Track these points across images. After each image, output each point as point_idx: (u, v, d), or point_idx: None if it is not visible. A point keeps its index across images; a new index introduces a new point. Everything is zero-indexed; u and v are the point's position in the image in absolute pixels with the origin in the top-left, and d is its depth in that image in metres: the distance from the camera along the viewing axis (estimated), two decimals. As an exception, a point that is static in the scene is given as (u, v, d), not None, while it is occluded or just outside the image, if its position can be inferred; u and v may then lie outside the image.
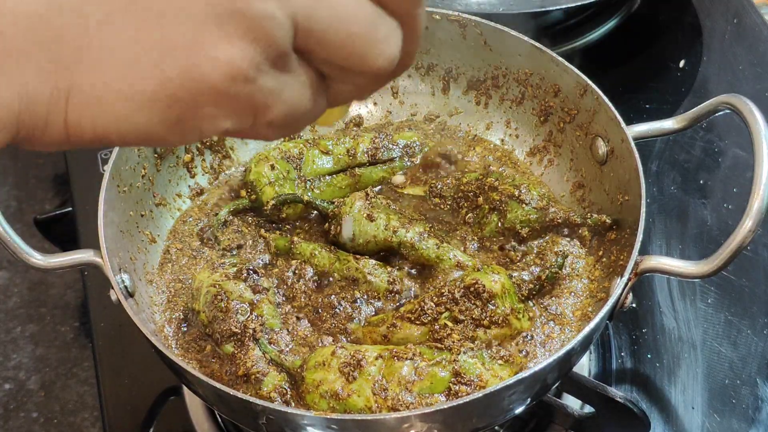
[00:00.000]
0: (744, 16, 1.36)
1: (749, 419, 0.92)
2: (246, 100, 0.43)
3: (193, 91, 0.42)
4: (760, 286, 1.03)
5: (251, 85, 0.43)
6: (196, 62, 0.41)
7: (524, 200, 0.88)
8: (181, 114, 0.43)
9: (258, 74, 0.43)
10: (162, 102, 0.42)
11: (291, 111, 0.46)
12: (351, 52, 0.45)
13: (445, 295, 0.79)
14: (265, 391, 0.77)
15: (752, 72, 1.28)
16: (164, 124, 0.43)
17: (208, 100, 0.42)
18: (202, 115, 0.43)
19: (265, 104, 0.44)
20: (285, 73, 0.44)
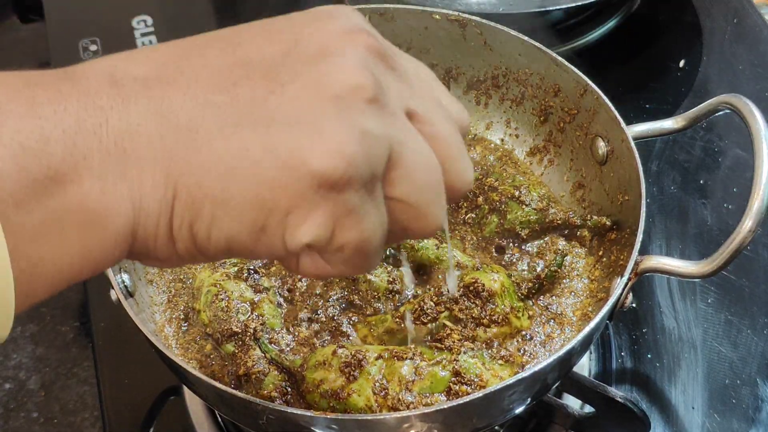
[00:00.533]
0: (744, 16, 1.36)
1: (749, 419, 0.92)
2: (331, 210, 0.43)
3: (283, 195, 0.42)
4: (760, 286, 1.03)
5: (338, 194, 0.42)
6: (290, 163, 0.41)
7: (524, 201, 0.88)
8: (266, 221, 0.43)
9: (347, 187, 0.42)
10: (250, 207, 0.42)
11: (365, 240, 0.45)
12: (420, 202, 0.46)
13: (444, 294, 0.79)
14: (266, 391, 0.77)
15: (752, 72, 1.28)
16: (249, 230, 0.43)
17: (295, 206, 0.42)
18: (286, 223, 0.43)
19: (346, 220, 0.44)
20: (370, 198, 0.44)
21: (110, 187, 0.41)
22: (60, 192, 0.40)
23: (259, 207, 0.42)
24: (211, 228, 0.43)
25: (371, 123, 0.43)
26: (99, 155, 0.41)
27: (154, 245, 0.44)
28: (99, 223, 0.41)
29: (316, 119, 0.42)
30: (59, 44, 1.32)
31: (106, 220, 0.41)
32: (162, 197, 0.42)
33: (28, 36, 1.85)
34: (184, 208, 0.42)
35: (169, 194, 0.42)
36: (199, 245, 0.44)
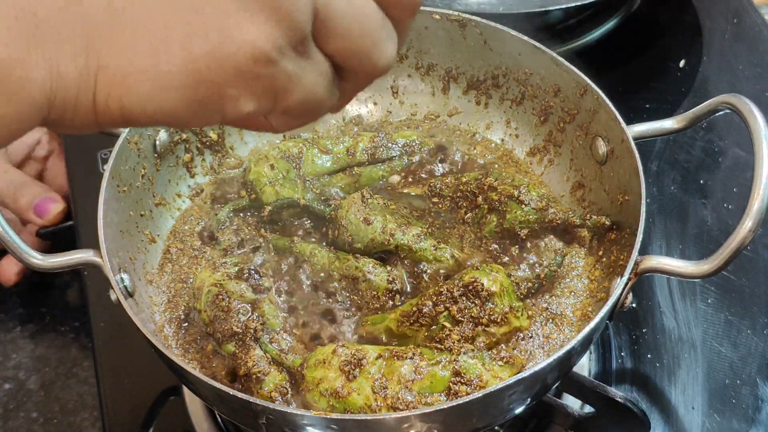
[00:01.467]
0: (744, 16, 1.36)
1: (749, 419, 0.92)
2: (268, 82, 0.44)
3: (218, 72, 0.42)
4: (760, 286, 1.03)
5: (274, 67, 0.43)
6: (222, 43, 0.42)
7: (523, 201, 0.88)
8: (204, 95, 0.43)
9: (280, 57, 0.43)
10: (187, 82, 0.42)
11: (308, 97, 0.46)
12: (360, 46, 0.47)
13: (443, 294, 0.79)
14: (266, 391, 0.77)
15: (752, 72, 1.28)
16: (188, 104, 0.43)
17: (232, 81, 0.43)
18: (225, 96, 0.44)
19: (285, 87, 0.45)
20: (304, 58, 0.45)
21: (23, 55, 0.40)
22: None
23: (196, 83, 0.43)
24: (146, 102, 0.43)
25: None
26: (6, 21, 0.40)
27: (72, 114, 0.43)
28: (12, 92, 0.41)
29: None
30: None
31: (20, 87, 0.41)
32: (83, 68, 0.42)
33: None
34: (112, 82, 0.42)
35: (92, 65, 0.42)
36: (127, 117, 0.44)
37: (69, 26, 0.41)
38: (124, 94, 0.42)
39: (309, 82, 0.46)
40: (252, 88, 0.44)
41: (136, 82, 0.42)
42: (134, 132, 0.87)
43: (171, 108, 0.43)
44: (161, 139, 0.91)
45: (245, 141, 1.01)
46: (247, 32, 0.42)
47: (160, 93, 0.43)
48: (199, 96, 0.43)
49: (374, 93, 1.05)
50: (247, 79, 0.43)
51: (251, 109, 0.45)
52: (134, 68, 0.42)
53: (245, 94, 0.44)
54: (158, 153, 0.92)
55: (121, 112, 0.43)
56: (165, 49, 0.42)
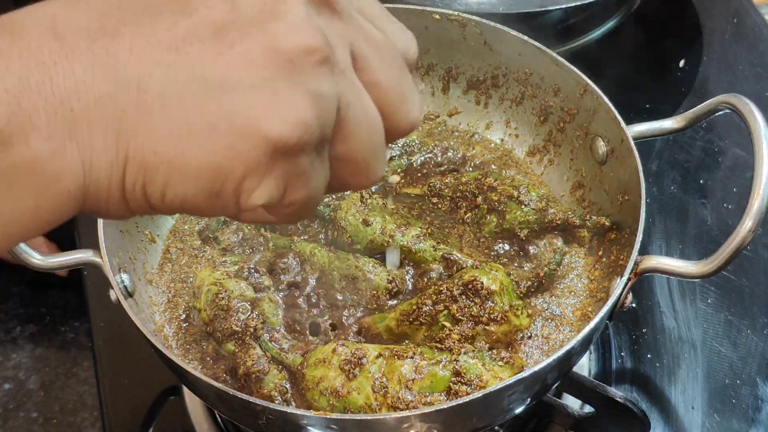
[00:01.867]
0: (744, 16, 1.36)
1: (749, 419, 0.92)
2: (283, 175, 0.44)
3: (240, 162, 0.42)
4: (760, 286, 1.03)
5: (293, 160, 0.43)
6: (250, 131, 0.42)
7: (523, 201, 0.87)
8: (222, 186, 0.43)
9: (302, 152, 0.43)
10: (205, 172, 0.43)
11: (311, 197, 0.47)
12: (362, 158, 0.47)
13: (443, 293, 0.79)
14: (266, 391, 0.77)
15: (752, 72, 1.28)
16: (205, 195, 0.44)
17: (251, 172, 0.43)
18: (241, 188, 0.44)
19: (294, 183, 0.45)
20: (319, 158, 0.45)
21: (59, 147, 0.41)
22: (6, 153, 0.40)
23: (216, 173, 0.43)
24: (166, 190, 0.43)
25: (323, 86, 0.43)
26: (45, 115, 0.40)
27: (107, 204, 0.44)
28: (49, 183, 0.41)
29: (270, 84, 0.42)
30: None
31: (56, 180, 0.41)
32: (114, 159, 0.42)
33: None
34: (138, 171, 0.42)
35: (121, 156, 0.42)
36: (152, 205, 0.44)
37: (102, 119, 0.41)
38: (147, 182, 0.43)
39: (317, 181, 0.46)
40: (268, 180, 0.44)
41: (156, 171, 0.43)
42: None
43: (188, 197, 0.44)
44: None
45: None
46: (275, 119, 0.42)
47: (180, 183, 0.43)
48: (216, 187, 0.43)
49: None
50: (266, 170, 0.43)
51: (264, 201, 0.45)
52: (158, 158, 0.42)
53: (262, 185, 0.44)
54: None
55: (145, 199, 0.44)
56: (186, 139, 0.42)
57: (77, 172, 0.42)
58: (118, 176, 0.43)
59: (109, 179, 0.43)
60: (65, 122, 0.41)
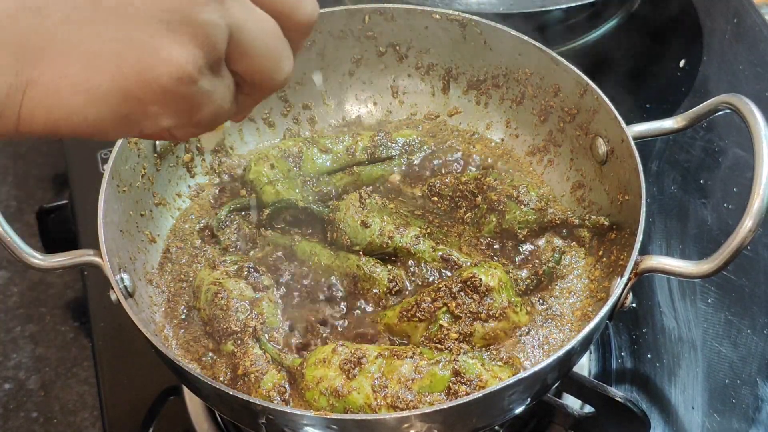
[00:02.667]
0: (744, 16, 1.36)
1: (749, 419, 0.92)
2: (187, 99, 0.47)
3: (145, 89, 0.45)
4: (760, 286, 1.03)
5: (194, 86, 0.47)
6: (151, 62, 0.45)
7: (522, 201, 0.87)
8: (129, 110, 0.46)
9: (200, 76, 0.47)
10: (115, 97, 0.45)
11: (217, 111, 0.50)
12: (265, 65, 0.51)
13: (442, 290, 0.79)
14: (265, 390, 0.77)
15: (752, 72, 1.28)
16: (112, 118, 0.46)
17: (156, 99, 0.46)
18: (147, 112, 0.47)
19: (200, 104, 0.48)
20: (217, 77, 0.49)
21: None
22: None
23: (124, 99, 0.45)
24: (74, 115, 0.45)
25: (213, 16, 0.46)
26: None
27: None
28: None
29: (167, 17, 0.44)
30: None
31: None
32: (13, 83, 0.43)
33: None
34: (42, 95, 0.44)
35: (22, 80, 0.43)
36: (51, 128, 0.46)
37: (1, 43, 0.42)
38: (53, 105, 0.44)
39: (219, 98, 0.50)
40: (172, 106, 0.47)
41: (66, 97, 0.44)
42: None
43: (96, 121, 0.46)
44: (161, 139, 0.91)
45: (245, 141, 1.01)
46: (173, 53, 0.45)
47: (88, 107, 0.45)
48: (124, 111, 0.46)
49: (374, 93, 1.05)
50: (170, 97, 0.46)
51: (169, 124, 0.48)
52: (66, 83, 0.44)
53: (166, 111, 0.47)
54: (158, 153, 0.92)
55: (46, 124, 0.45)
56: (97, 66, 0.44)
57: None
58: (16, 100, 0.44)
59: (3, 103, 0.43)
60: None
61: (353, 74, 1.03)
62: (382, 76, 1.04)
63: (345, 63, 1.03)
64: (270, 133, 1.02)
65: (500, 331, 0.79)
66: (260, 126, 1.02)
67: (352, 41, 1.01)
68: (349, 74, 1.03)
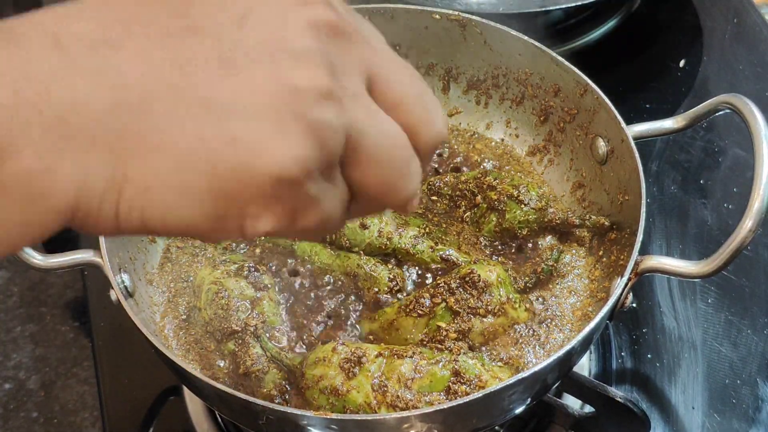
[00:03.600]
0: (744, 16, 1.36)
1: (749, 419, 0.92)
2: (290, 204, 0.43)
3: (242, 189, 0.42)
4: (760, 286, 1.03)
5: (298, 189, 0.42)
6: (250, 161, 0.41)
7: (523, 200, 0.88)
8: (225, 212, 0.42)
9: (308, 180, 0.42)
10: (209, 198, 0.42)
11: (324, 221, 0.46)
12: (386, 179, 0.46)
13: (441, 286, 0.80)
14: (266, 390, 0.77)
15: (752, 72, 1.28)
16: (208, 219, 0.43)
17: (255, 200, 0.42)
18: (245, 214, 0.43)
19: (305, 210, 0.44)
20: (329, 183, 0.45)
21: (51, 164, 0.39)
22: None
23: (218, 199, 0.42)
24: (167, 215, 0.42)
25: (327, 116, 0.42)
26: (40, 129, 0.39)
27: (95, 222, 0.43)
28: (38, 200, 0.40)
29: (273, 114, 0.41)
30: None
31: (46, 197, 0.40)
32: (110, 178, 0.41)
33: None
34: (136, 193, 0.41)
35: (118, 175, 0.41)
36: (149, 227, 0.43)
37: (100, 137, 0.40)
38: (146, 206, 0.42)
39: (328, 206, 0.45)
40: (273, 209, 0.43)
41: (159, 196, 0.42)
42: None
43: (191, 221, 0.43)
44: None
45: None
46: (277, 152, 0.41)
47: (182, 207, 0.42)
48: (220, 212, 0.43)
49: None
50: (269, 199, 0.42)
51: (269, 228, 0.44)
52: (159, 181, 0.41)
53: (266, 213, 0.43)
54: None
55: (141, 223, 0.43)
56: (192, 165, 0.41)
57: (68, 190, 0.40)
58: (113, 198, 0.42)
59: (101, 199, 0.41)
60: (60, 138, 0.39)
61: (353, 74, 1.03)
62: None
63: (345, 63, 1.02)
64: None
65: (499, 326, 0.79)
66: (260, 126, 1.02)
67: (352, 41, 1.01)
68: (349, 74, 1.03)
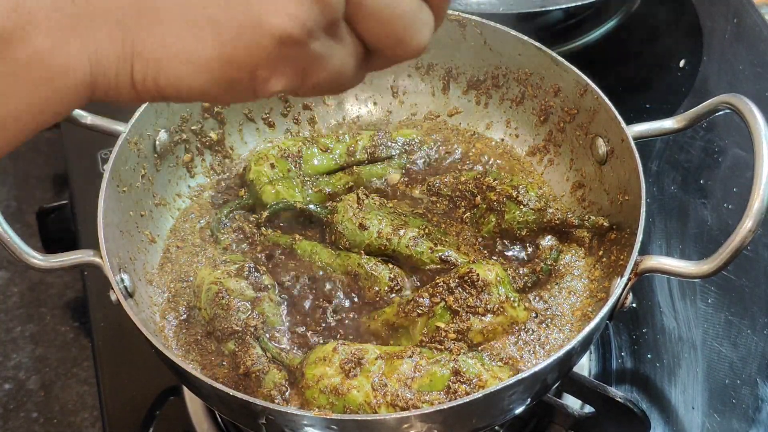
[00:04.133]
0: (744, 16, 1.36)
1: (749, 419, 0.92)
2: (296, 63, 0.45)
3: (248, 55, 0.43)
4: (760, 286, 1.03)
5: (302, 48, 0.44)
6: (251, 26, 0.43)
7: (522, 201, 0.87)
8: (235, 76, 0.44)
9: (310, 39, 0.44)
10: (217, 65, 0.44)
11: (336, 77, 0.47)
12: (393, 31, 0.46)
13: (440, 285, 0.80)
14: (266, 390, 0.77)
15: (752, 72, 1.28)
16: (219, 85, 0.45)
17: (262, 63, 0.44)
18: (254, 77, 0.45)
19: (313, 68, 0.46)
20: (334, 40, 0.46)
21: (60, 42, 0.41)
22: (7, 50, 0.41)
23: (226, 64, 0.44)
24: (179, 83, 0.44)
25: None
26: (45, 10, 0.41)
27: (116, 93, 0.45)
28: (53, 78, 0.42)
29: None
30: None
31: (61, 75, 0.42)
32: (120, 52, 0.43)
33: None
34: (147, 64, 0.43)
35: (127, 50, 0.43)
36: (165, 95, 0.45)
37: (105, 14, 0.42)
38: (158, 76, 0.44)
39: (337, 62, 0.46)
40: (281, 69, 0.45)
41: (169, 66, 0.44)
42: (134, 132, 0.87)
43: (203, 88, 0.45)
44: (161, 140, 0.91)
45: (245, 141, 1.01)
46: (276, 15, 0.42)
47: (192, 75, 0.44)
48: (230, 77, 0.44)
49: (374, 93, 1.05)
50: (276, 60, 0.44)
51: (280, 88, 0.46)
52: (166, 53, 0.43)
53: (275, 74, 0.45)
54: (158, 153, 0.92)
55: (158, 91, 0.45)
56: (196, 34, 0.43)
57: (83, 65, 0.43)
58: (127, 69, 0.43)
59: (116, 72, 0.43)
60: (67, 17, 0.41)
61: (353, 74, 1.03)
62: (382, 76, 1.04)
63: (345, 63, 1.02)
64: (270, 133, 1.02)
65: (498, 325, 0.79)
66: (260, 126, 1.02)
67: (352, 41, 1.01)
68: (349, 74, 1.03)
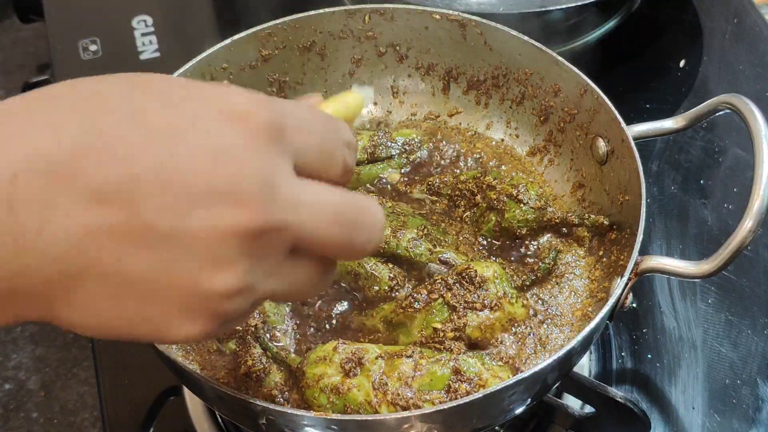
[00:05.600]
0: (744, 16, 1.36)
1: (750, 419, 0.92)
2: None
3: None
4: (760, 286, 1.03)
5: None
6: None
7: (522, 200, 0.88)
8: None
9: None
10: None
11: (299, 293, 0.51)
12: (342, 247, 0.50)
13: (438, 282, 0.80)
14: (266, 390, 0.77)
15: (752, 72, 1.28)
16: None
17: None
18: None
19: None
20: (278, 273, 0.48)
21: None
22: None
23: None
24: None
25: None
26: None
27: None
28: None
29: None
30: (59, 44, 1.32)
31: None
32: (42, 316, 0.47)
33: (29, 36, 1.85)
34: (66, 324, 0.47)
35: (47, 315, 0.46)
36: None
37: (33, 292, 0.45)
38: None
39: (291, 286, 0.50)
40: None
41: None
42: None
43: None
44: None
45: (245, 141, 1.01)
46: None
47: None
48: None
49: (374, 93, 1.05)
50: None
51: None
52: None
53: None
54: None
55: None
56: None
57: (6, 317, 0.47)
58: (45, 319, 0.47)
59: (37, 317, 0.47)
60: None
61: (353, 74, 1.04)
62: (382, 76, 1.04)
63: (345, 63, 1.03)
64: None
65: (496, 321, 0.79)
66: (260, 126, 1.02)
67: (352, 41, 1.01)
68: (349, 74, 1.04)
